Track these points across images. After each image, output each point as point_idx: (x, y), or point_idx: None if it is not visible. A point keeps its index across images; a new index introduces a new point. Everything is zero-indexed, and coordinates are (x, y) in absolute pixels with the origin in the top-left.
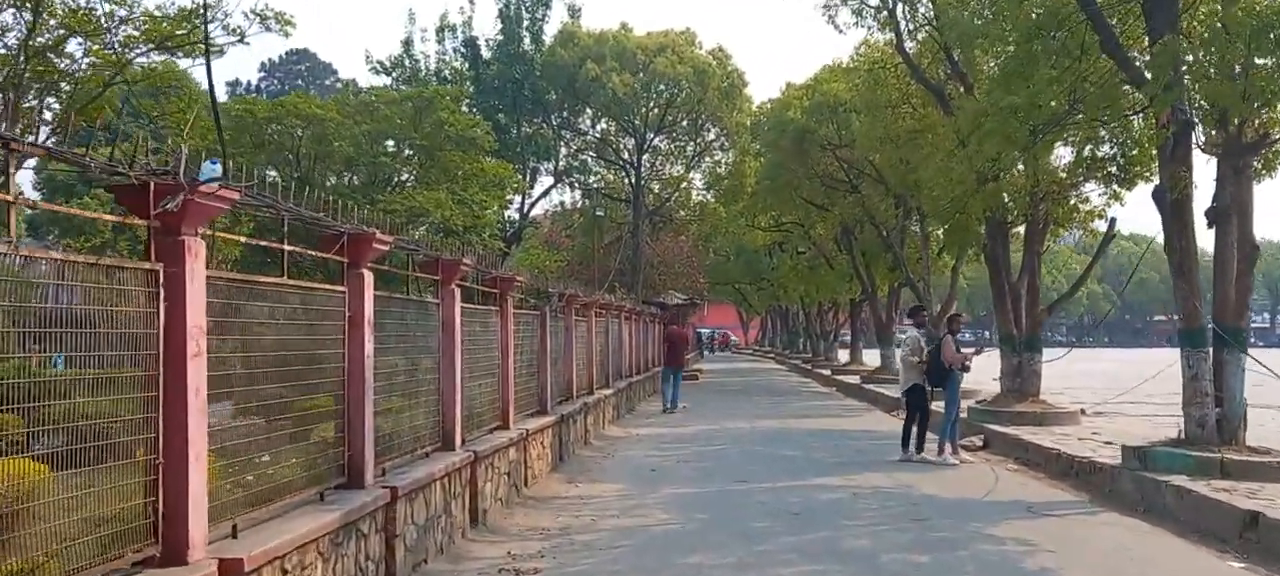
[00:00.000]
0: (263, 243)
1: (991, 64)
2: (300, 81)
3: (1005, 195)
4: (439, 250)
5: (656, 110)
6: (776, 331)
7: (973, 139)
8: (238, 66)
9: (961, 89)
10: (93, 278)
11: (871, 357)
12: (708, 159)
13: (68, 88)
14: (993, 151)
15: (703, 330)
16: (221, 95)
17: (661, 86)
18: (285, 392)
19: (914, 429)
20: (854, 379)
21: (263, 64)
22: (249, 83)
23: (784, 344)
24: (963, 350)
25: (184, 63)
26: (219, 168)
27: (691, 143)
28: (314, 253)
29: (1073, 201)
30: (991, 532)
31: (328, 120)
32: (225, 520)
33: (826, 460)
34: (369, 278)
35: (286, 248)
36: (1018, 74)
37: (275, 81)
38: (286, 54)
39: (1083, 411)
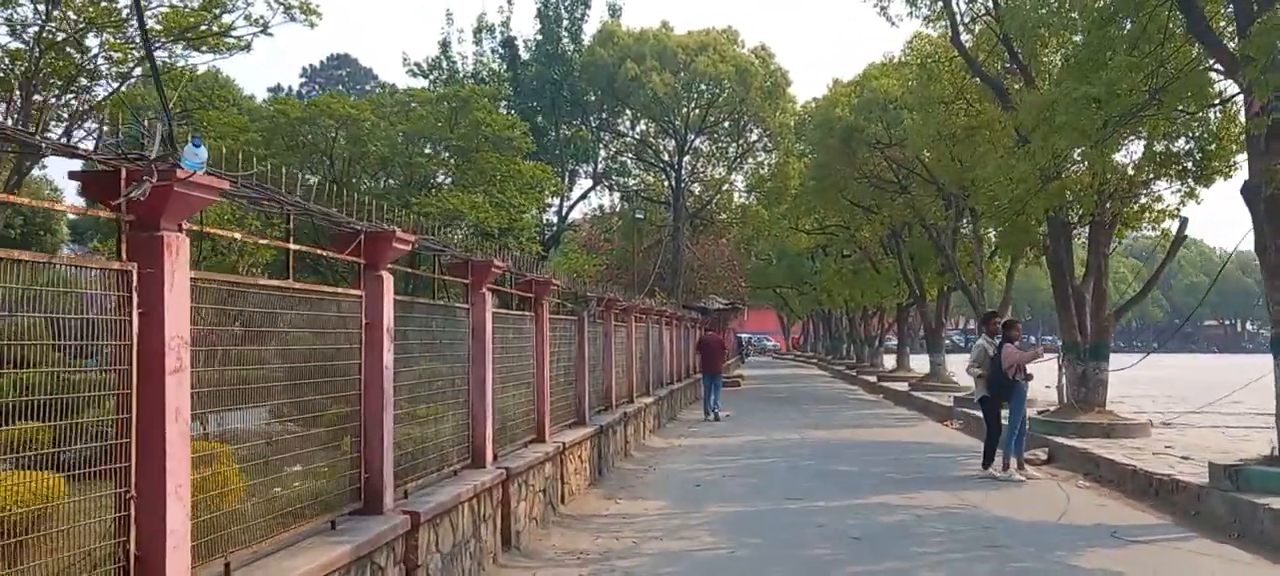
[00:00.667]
0: (267, 241)
1: (1054, 56)
2: (341, 86)
3: (1068, 193)
4: (470, 251)
5: (697, 111)
6: (818, 336)
7: (1037, 134)
8: (278, 72)
9: (1022, 83)
10: (51, 281)
11: (919, 364)
12: (750, 160)
13: (86, 82)
14: (1064, 145)
15: (742, 335)
16: (262, 100)
17: (703, 86)
18: (292, 410)
19: (989, 443)
20: (902, 386)
21: (303, 69)
22: (289, 87)
23: (826, 349)
24: (1024, 353)
25: (208, 57)
26: (204, 152)
27: (733, 144)
28: (325, 253)
29: (1144, 199)
30: (1078, 564)
31: (363, 121)
32: (217, 558)
33: (884, 476)
34: (388, 281)
35: (292, 247)
36: (1091, 62)
37: (316, 86)
38: (327, 59)
39: (1151, 423)
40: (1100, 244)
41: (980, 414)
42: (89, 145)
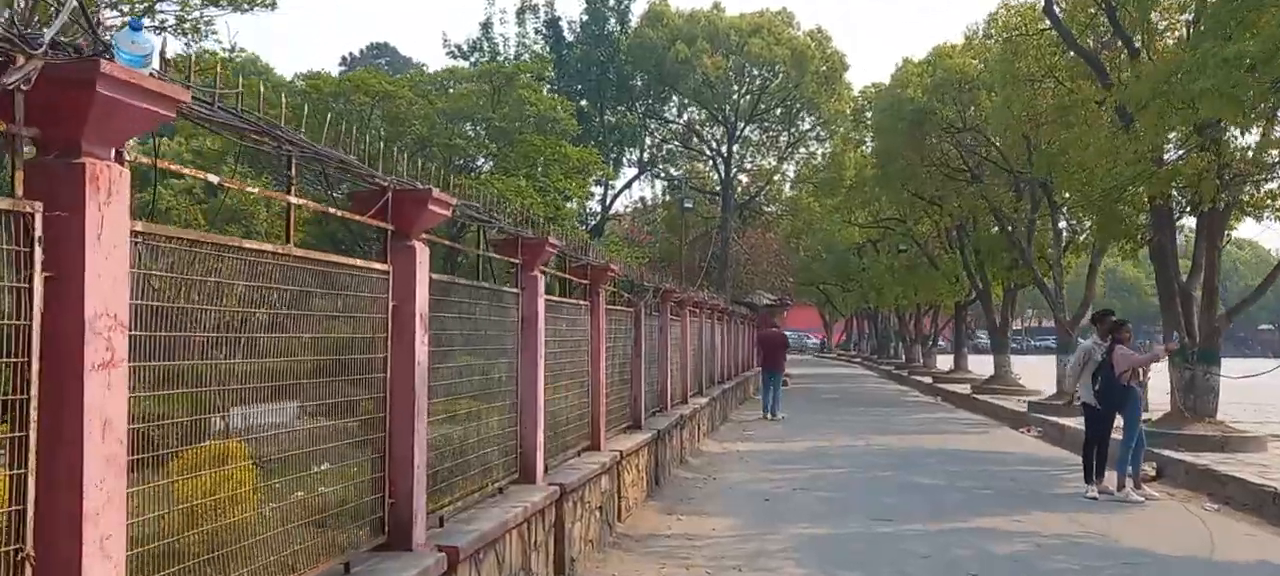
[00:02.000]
0: (256, 189)
1: (1170, 21)
2: None
3: (1181, 178)
4: (520, 226)
5: (748, 97)
6: (862, 335)
7: (1151, 110)
8: (317, 60)
9: (1125, 55)
10: None
11: (979, 365)
12: (801, 149)
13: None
14: (1212, 113)
15: (785, 333)
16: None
17: (755, 70)
18: (290, 419)
19: (1094, 458)
20: (962, 388)
21: (342, 58)
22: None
23: (872, 348)
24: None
25: (227, 11)
26: (149, 41)
27: (784, 132)
28: (341, 213)
29: (1271, 185)
30: None
31: (399, 97)
32: None
33: (977, 492)
34: (423, 254)
35: (293, 199)
36: (1234, 20)
37: None
38: (366, 48)
39: (1269, 437)
40: (1213, 235)
41: (1059, 420)
42: None
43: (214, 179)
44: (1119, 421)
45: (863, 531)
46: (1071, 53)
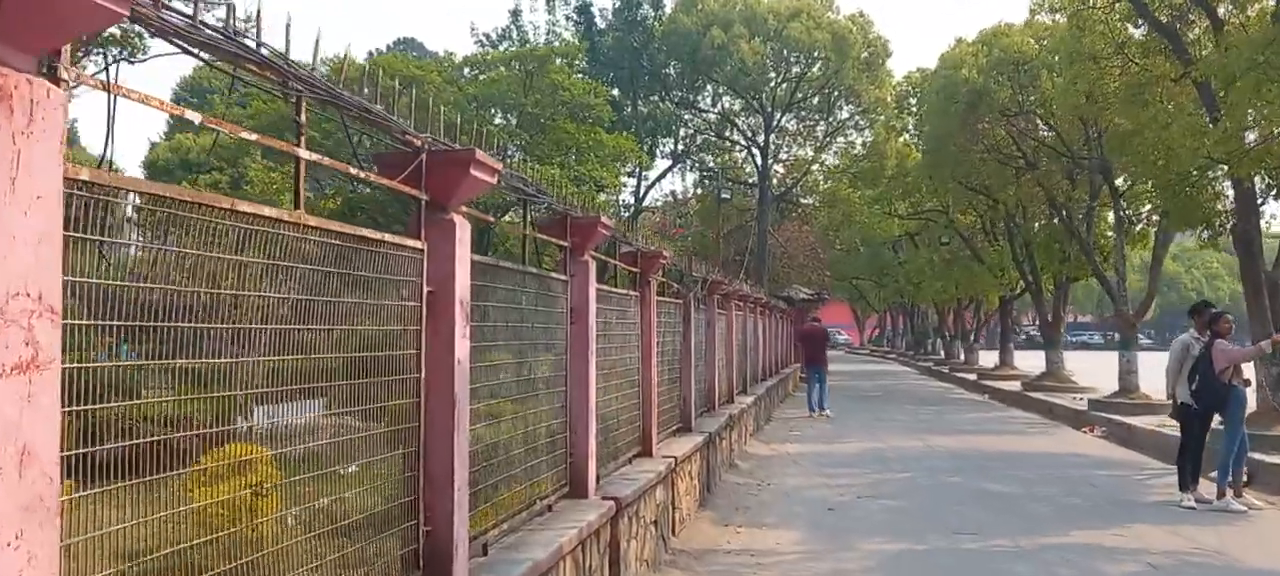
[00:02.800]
0: (254, 136)
1: None
2: None
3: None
4: (569, 204)
5: (786, 85)
6: (896, 330)
7: (1244, 84)
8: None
9: (1201, 30)
10: None
11: (1023, 361)
12: (840, 139)
13: None
14: None
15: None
16: None
17: (794, 56)
18: (302, 431)
19: (1189, 463)
20: (1009, 386)
21: (369, 53)
22: None
23: (909, 344)
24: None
25: None
26: None
27: (822, 122)
28: (365, 174)
29: None
30: None
31: (427, 82)
32: None
33: (1060, 501)
34: (464, 229)
35: (303, 154)
36: None
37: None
38: (393, 43)
39: None
40: None
41: (1125, 419)
42: None
43: (194, 117)
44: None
45: (948, 548)
46: (1143, 28)
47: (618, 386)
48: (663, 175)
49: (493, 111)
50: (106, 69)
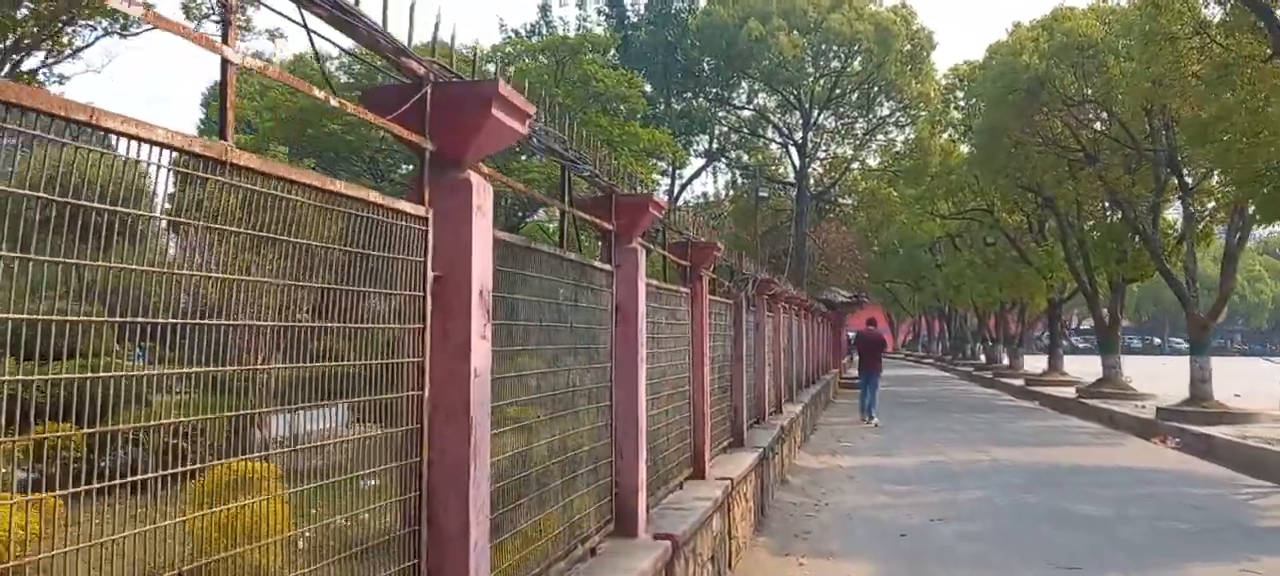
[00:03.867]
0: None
1: None
2: None
3: None
4: (614, 179)
5: (825, 81)
6: (933, 335)
7: None
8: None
9: None
10: None
11: (1073, 367)
12: (880, 136)
13: None
14: None
15: (850, 333)
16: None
17: (834, 49)
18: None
19: None
20: (1063, 392)
21: None
22: None
23: (947, 349)
24: None
25: None
26: None
27: (862, 119)
28: (343, 105)
29: None
30: None
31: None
32: None
33: (1159, 524)
34: (484, 192)
35: (231, 53)
36: None
37: None
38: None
39: None
40: None
41: (1201, 429)
42: None
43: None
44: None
45: None
46: (1226, 4)
47: (668, 398)
48: (697, 173)
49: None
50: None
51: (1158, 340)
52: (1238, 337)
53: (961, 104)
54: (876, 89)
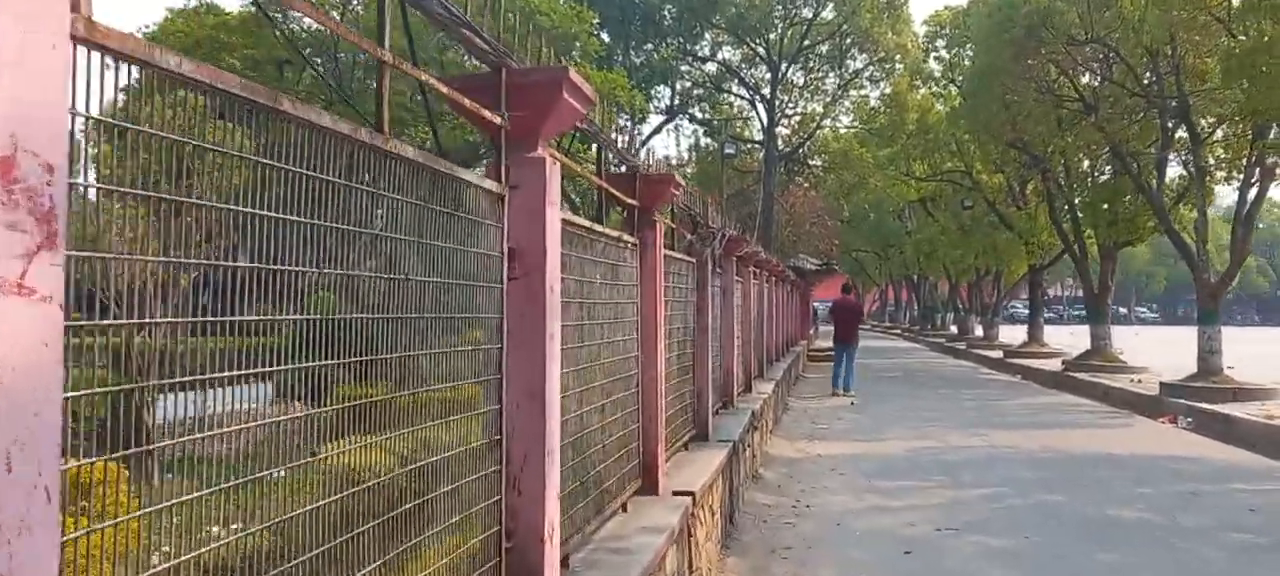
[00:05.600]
0: None
1: None
2: None
3: None
4: (507, 46)
5: (793, 32)
6: (899, 304)
7: None
8: None
9: None
10: None
11: (1053, 338)
12: (853, 92)
13: None
14: None
15: (816, 304)
16: None
17: None
18: None
19: None
20: (1046, 364)
21: None
22: None
23: (916, 319)
24: None
25: None
26: None
27: (833, 73)
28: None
29: None
30: None
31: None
32: None
33: (1226, 536)
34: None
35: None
36: None
37: None
38: None
39: None
40: None
41: (1214, 407)
42: None
43: None
44: None
45: None
46: None
47: (604, 389)
48: (657, 130)
49: (443, 42)
50: None
51: (1124, 309)
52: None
53: (942, 54)
54: (849, 41)
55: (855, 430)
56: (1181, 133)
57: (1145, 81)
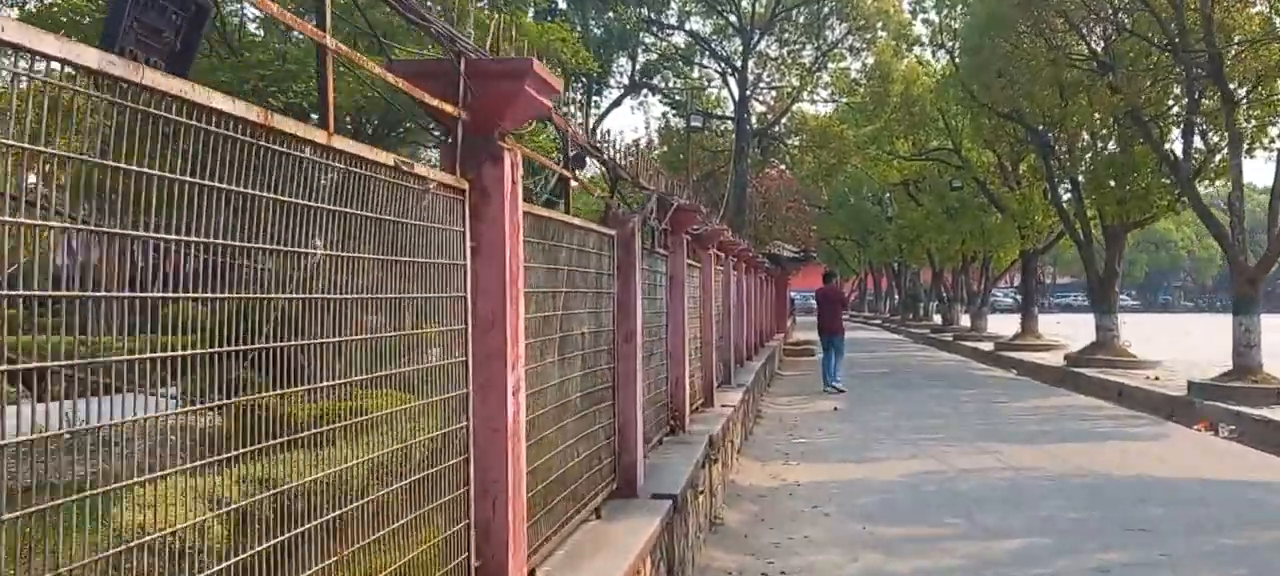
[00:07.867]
0: None
1: None
2: None
3: None
4: None
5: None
6: (878, 294)
7: None
8: None
9: None
10: None
11: (1044, 326)
12: (831, 65)
13: None
14: None
15: (792, 294)
16: None
17: None
18: None
19: None
20: (1045, 359)
21: None
22: None
23: (897, 309)
24: None
25: None
26: None
27: (810, 44)
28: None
29: None
30: None
31: None
32: None
33: None
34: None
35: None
36: None
37: None
38: None
39: None
40: None
41: (1258, 412)
42: None
43: None
44: None
45: None
46: None
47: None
48: (617, 102)
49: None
50: None
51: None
52: (1182, 295)
53: (931, 17)
54: (827, 9)
55: (841, 445)
56: (1205, 101)
57: (1173, 36)
